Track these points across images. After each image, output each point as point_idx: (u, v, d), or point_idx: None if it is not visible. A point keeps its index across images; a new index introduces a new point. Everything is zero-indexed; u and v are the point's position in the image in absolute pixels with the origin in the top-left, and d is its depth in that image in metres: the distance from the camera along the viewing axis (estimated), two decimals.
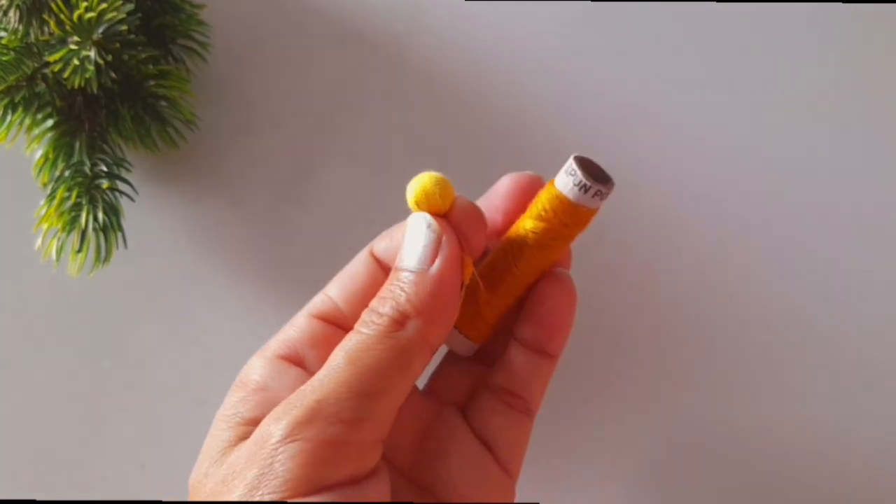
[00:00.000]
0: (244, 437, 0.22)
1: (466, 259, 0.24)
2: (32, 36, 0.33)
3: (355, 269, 0.26)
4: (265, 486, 0.20)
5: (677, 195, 0.38)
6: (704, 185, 0.38)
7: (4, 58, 0.31)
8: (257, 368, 0.24)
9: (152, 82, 0.34)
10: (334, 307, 0.25)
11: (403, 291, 0.22)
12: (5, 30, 0.33)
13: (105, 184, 0.32)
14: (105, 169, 0.33)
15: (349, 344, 0.22)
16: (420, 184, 0.25)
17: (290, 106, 0.39)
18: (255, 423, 0.23)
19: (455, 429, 0.26)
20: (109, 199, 0.32)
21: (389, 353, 0.21)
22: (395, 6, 0.41)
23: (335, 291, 0.26)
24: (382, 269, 0.26)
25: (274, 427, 0.21)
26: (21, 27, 0.33)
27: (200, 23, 0.37)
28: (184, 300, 0.35)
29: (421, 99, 0.39)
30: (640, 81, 0.40)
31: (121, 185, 0.33)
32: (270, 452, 0.20)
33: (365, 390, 0.21)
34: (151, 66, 0.34)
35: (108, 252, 0.32)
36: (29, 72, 0.32)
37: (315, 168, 0.38)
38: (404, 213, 0.37)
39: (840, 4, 0.42)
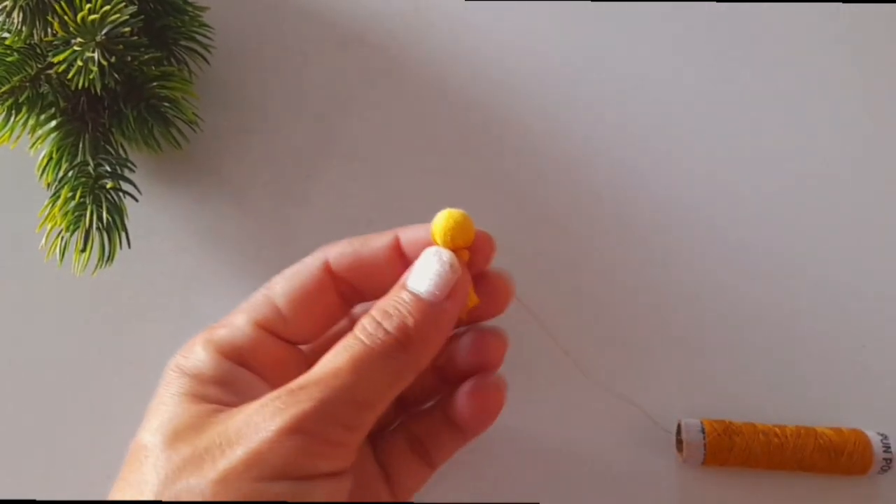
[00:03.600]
0: (213, 412, 0.23)
1: (471, 293, 0.26)
2: (36, 37, 0.33)
3: (304, 280, 0.26)
4: (256, 468, 0.21)
5: (677, 195, 0.38)
6: (705, 185, 0.38)
7: (9, 59, 0.32)
8: (205, 360, 0.25)
9: (155, 83, 0.34)
10: (278, 315, 0.26)
11: (411, 315, 0.23)
12: (9, 31, 0.33)
13: (109, 184, 0.33)
14: (109, 169, 0.33)
15: (354, 350, 0.23)
16: (445, 222, 0.25)
17: (291, 107, 0.39)
18: (220, 402, 0.23)
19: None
20: (113, 198, 0.33)
21: (389, 372, 0.23)
22: (396, 8, 0.41)
23: (281, 299, 0.26)
24: (332, 279, 0.27)
25: (277, 415, 0.21)
26: (25, 28, 0.33)
27: (203, 25, 0.37)
28: (187, 299, 0.36)
29: (421, 99, 0.40)
30: (641, 81, 0.40)
31: (124, 185, 0.34)
32: (271, 439, 0.21)
33: (365, 401, 0.22)
34: (154, 68, 0.34)
35: (112, 252, 0.32)
36: (33, 72, 0.32)
37: (316, 168, 0.38)
38: (404, 213, 0.37)
39: (840, 4, 0.42)
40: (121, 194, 0.33)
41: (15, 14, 0.33)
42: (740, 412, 0.33)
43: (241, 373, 0.25)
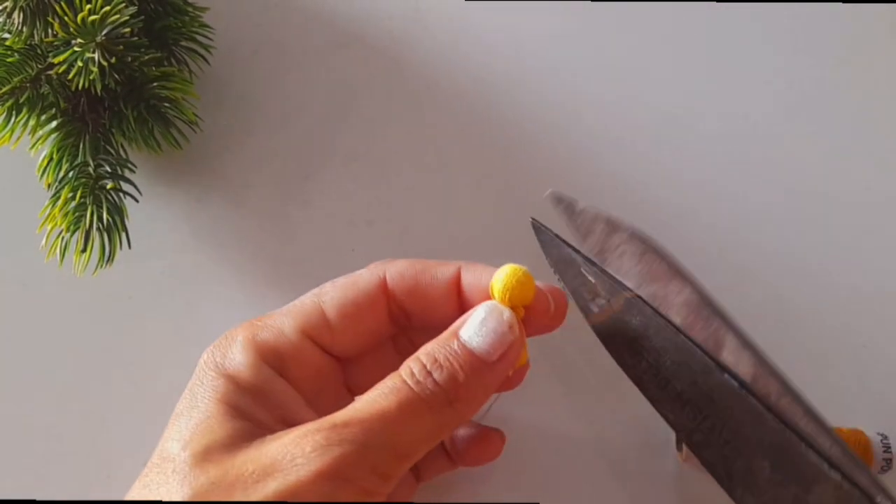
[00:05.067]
0: (248, 433, 0.22)
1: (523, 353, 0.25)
2: (37, 38, 0.33)
3: (360, 293, 0.26)
4: None
5: (678, 195, 0.38)
6: (705, 186, 0.38)
7: (9, 59, 0.32)
8: (243, 363, 0.24)
9: (155, 84, 0.34)
10: (326, 326, 0.25)
11: (462, 370, 0.23)
12: (10, 32, 0.33)
13: (109, 184, 0.33)
14: (109, 169, 0.33)
15: (402, 396, 0.22)
16: (508, 280, 0.25)
17: (291, 107, 0.39)
18: (254, 420, 0.23)
19: None
20: (113, 199, 0.33)
21: (433, 425, 0.22)
22: (396, 8, 0.41)
23: (332, 310, 0.26)
24: (386, 297, 0.26)
25: (317, 456, 0.21)
26: (25, 29, 0.33)
27: (203, 25, 0.37)
28: (187, 300, 0.36)
29: (421, 100, 0.40)
30: (641, 81, 0.40)
31: (125, 186, 0.34)
32: (308, 479, 0.20)
33: (404, 453, 0.22)
34: (154, 68, 0.35)
35: (112, 252, 0.32)
36: (33, 73, 0.32)
37: (316, 168, 0.38)
38: (404, 212, 0.37)
39: (840, 4, 0.42)
40: (121, 195, 0.33)
41: (15, 15, 0.33)
42: None
43: (279, 384, 0.24)
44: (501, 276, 0.25)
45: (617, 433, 0.33)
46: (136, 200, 0.34)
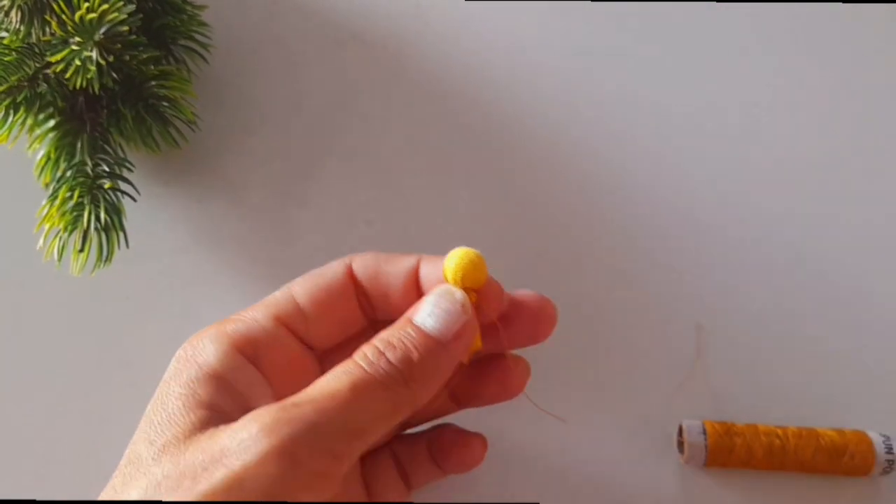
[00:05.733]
0: (207, 422, 0.22)
1: (476, 338, 0.25)
2: (34, 36, 0.33)
3: (328, 281, 0.26)
4: (235, 493, 0.20)
5: (678, 195, 0.38)
6: (706, 186, 0.38)
7: (6, 58, 0.32)
8: (213, 353, 0.24)
9: (154, 83, 0.34)
10: (299, 313, 0.26)
11: (416, 350, 0.23)
12: (7, 30, 0.33)
13: (107, 184, 0.32)
14: (107, 169, 0.33)
15: (354, 376, 0.22)
16: (460, 262, 0.25)
17: (290, 106, 0.39)
18: (216, 409, 0.23)
19: None
20: (111, 198, 0.32)
21: (387, 404, 0.22)
22: (396, 7, 0.41)
23: (303, 297, 0.26)
24: (355, 287, 0.26)
25: (264, 437, 0.20)
26: (23, 28, 0.33)
27: (201, 24, 0.37)
28: (185, 300, 0.36)
29: (421, 99, 0.39)
30: (642, 80, 0.40)
31: (122, 185, 0.33)
32: (255, 462, 0.20)
33: (357, 430, 0.22)
34: (153, 67, 0.34)
35: (110, 252, 0.32)
36: (31, 72, 0.32)
37: (315, 168, 0.38)
38: (404, 213, 0.37)
39: (840, 4, 0.42)
40: (119, 194, 0.33)
41: (13, 13, 0.33)
42: (742, 413, 0.33)
43: (248, 372, 0.24)
44: (454, 258, 0.25)
45: (617, 433, 0.33)
46: (135, 200, 0.34)
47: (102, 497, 0.23)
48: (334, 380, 0.22)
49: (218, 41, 0.39)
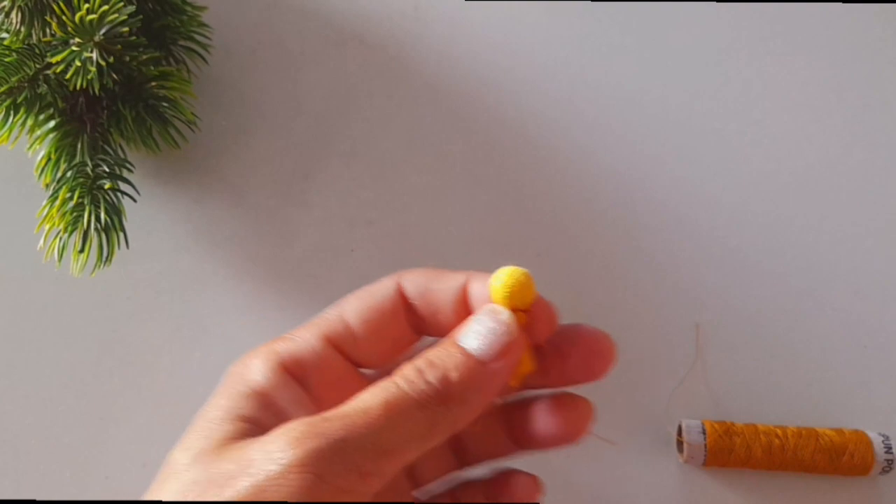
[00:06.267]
0: (243, 434, 0.22)
1: (526, 359, 0.24)
2: (34, 37, 0.33)
3: (378, 300, 0.26)
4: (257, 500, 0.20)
5: (678, 195, 0.38)
6: (706, 186, 0.38)
7: (7, 59, 0.32)
8: (261, 371, 0.24)
9: (154, 83, 0.34)
10: (349, 334, 0.25)
11: (457, 370, 0.22)
12: (7, 31, 0.33)
13: (107, 184, 0.32)
14: (107, 169, 0.33)
15: (389, 393, 0.22)
16: (507, 281, 0.24)
17: (290, 107, 0.39)
18: (255, 423, 0.23)
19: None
20: (111, 199, 0.32)
21: (423, 424, 0.22)
22: (395, 7, 0.41)
23: (353, 317, 0.25)
24: (405, 305, 0.26)
25: (290, 449, 0.20)
26: (23, 29, 0.33)
27: (201, 24, 0.37)
28: (185, 300, 0.36)
29: (421, 99, 0.39)
30: (642, 80, 0.40)
31: (122, 186, 0.33)
32: (278, 473, 0.20)
33: (387, 449, 0.21)
34: (153, 68, 0.34)
35: (110, 252, 0.32)
36: (31, 73, 0.32)
37: (315, 168, 0.38)
38: (404, 212, 0.37)
39: (840, 4, 0.42)
40: (119, 194, 0.33)
41: (13, 14, 0.33)
42: (741, 413, 0.33)
43: (295, 390, 0.24)
44: (500, 277, 0.24)
45: (617, 433, 0.33)
46: (135, 200, 0.34)
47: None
48: (369, 396, 0.22)
49: (218, 42, 0.39)
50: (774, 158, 0.39)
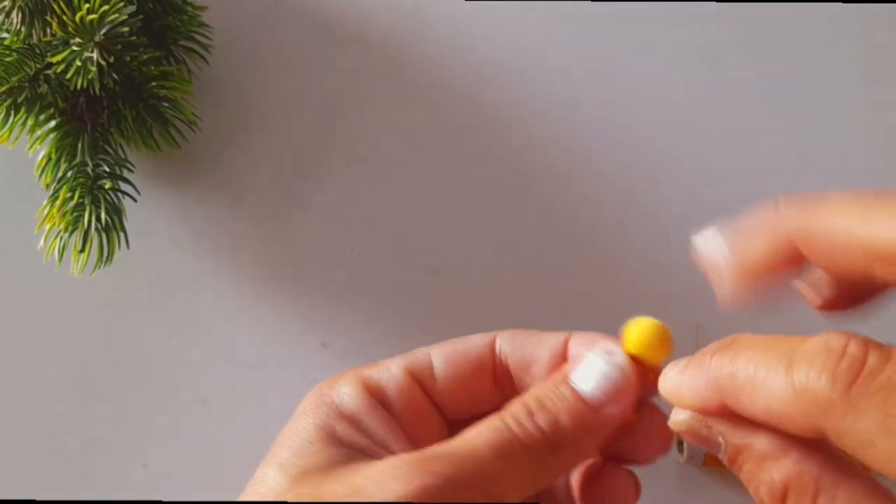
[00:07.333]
0: (344, 458, 0.22)
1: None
2: (35, 37, 0.33)
3: (468, 349, 0.25)
4: None
5: (678, 194, 0.38)
6: (705, 187, 0.38)
7: (7, 59, 0.32)
8: (349, 394, 0.24)
9: (154, 83, 0.34)
10: (431, 372, 0.25)
11: (569, 415, 0.22)
12: (8, 31, 0.33)
13: (107, 184, 0.32)
14: (107, 169, 0.33)
15: (500, 435, 0.21)
16: (648, 332, 0.23)
17: (290, 106, 0.39)
18: (351, 446, 0.23)
19: None
20: (112, 199, 0.33)
21: (530, 470, 0.21)
22: (395, 7, 0.41)
23: (439, 359, 0.25)
24: (495, 363, 0.26)
25: (401, 482, 0.20)
26: (24, 28, 0.33)
27: (202, 24, 0.37)
28: (186, 300, 0.36)
29: (421, 99, 0.39)
30: (643, 80, 0.40)
31: (123, 186, 0.33)
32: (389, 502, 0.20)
33: (495, 492, 0.21)
34: (153, 68, 0.34)
35: (111, 252, 0.32)
36: (31, 73, 0.32)
37: (315, 168, 0.38)
38: (404, 212, 0.37)
39: (840, 4, 0.42)
40: (119, 195, 0.33)
41: (14, 14, 0.33)
42: None
43: (380, 413, 0.24)
44: (638, 329, 0.23)
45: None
46: (135, 200, 0.34)
47: None
48: (479, 434, 0.22)
49: (218, 42, 0.39)
50: (777, 159, 0.39)
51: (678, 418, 0.21)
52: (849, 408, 0.16)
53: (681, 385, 0.21)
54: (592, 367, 0.23)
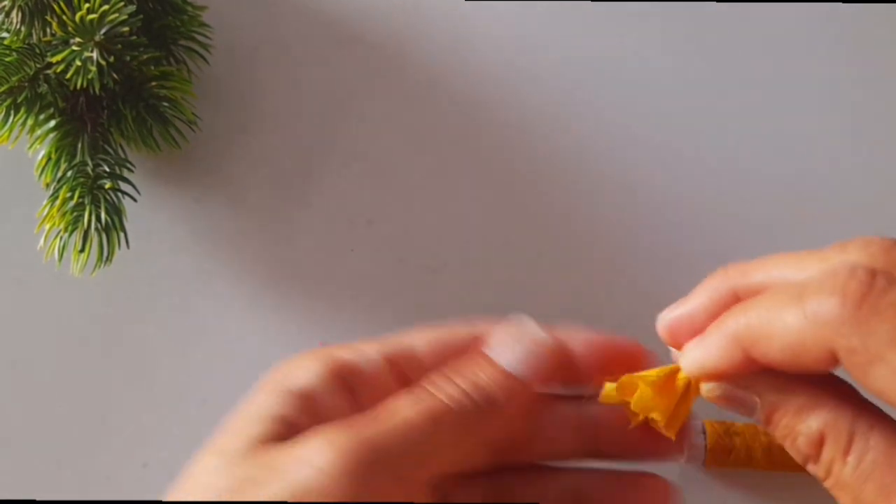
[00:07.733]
0: (277, 436, 0.22)
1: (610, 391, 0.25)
2: (35, 37, 0.33)
3: (451, 335, 0.26)
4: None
5: (678, 193, 0.38)
6: (705, 186, 0.38)
7: (7, 59, 0.32)
8: (311, 372, 0.24)
9: (154, 83, 0.34)
10: (412, 355, 0.25)
11: (487, 377, 0.23)
12: (8, 31, 0.33)
13: (107, 184, 0.32)
14: (107, 169, 0.33)
15: (424, 402, 0.22)
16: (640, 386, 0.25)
17: (290, 106, 0.39)
18: (291, 424, 0.23)
19: None
20: (112, 199, 0.33)
21: (454, 432, 0.22)
22: (395, 7, 0.41)
23: (421, 342, 0.25)
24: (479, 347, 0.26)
25: (323, 451, 0.20)
26: (23, 28, 0.33)
27: (202, 24, 0.37)
28: (186, 299, 0.36)
29: (421, 98, 0.39)
30: (643, 80, 0.40)
31: (123, 186, 0.33)
32: (312, 475, 0.20)
33: (423, 454, 0.21)
34: (153, 67, 0.34)
35: (111, 252, 0.32)
36: (31, 73, 0.32)
37: (315, 168, 0.38)
38: (404, 212, 0.37)
39: (840, 4, 0.42)
40: (119, 194, 0.33)
41: (14, 14, 0.33)
42: None
43: (342, 399, 0.24)
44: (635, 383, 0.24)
45: None
46: (135, 200, 0.34)
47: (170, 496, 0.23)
48: (403, 403, 0.22)
49: (218, 41, 0.39)
50: (777, 160, 0.39)
51: (711, 388, 0.22)
52: (860, 324, 0.17)
53: (703, 354, 0.22)
54: (504, 340, 0.24)
